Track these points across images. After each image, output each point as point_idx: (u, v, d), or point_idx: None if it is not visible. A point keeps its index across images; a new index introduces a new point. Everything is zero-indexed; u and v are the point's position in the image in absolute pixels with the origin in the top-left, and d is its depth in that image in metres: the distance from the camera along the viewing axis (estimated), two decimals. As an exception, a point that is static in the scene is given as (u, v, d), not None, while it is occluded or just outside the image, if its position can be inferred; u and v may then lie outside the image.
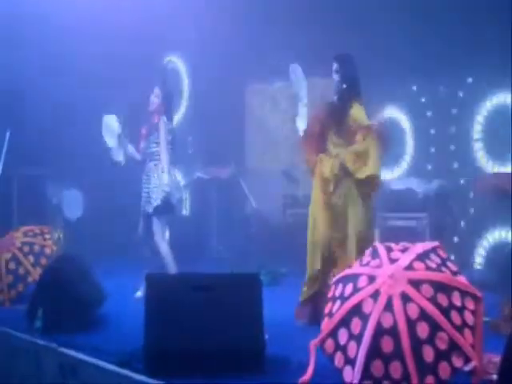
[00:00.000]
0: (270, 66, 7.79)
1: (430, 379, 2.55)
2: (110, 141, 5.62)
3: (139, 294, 5.33)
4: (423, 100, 7.15)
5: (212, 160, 8.77)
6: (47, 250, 5.44)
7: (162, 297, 3.31)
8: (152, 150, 5.59)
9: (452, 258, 3.92)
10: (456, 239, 6.73)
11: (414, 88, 7.20)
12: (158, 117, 5.64)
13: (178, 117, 8.94)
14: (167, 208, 5.50)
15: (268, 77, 8.31)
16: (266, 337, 3.32)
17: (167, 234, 6.22)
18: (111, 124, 5.65)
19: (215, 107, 8.51)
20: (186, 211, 9.00)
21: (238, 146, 8.90)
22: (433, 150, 7.06)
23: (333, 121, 4.62)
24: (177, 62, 9.75)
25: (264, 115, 9.10)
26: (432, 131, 7.05)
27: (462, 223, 6.77)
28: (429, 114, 7.11)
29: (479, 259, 6.63)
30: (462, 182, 6.80)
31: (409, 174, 7.20)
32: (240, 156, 8.83)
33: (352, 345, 2.75)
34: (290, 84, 4.89)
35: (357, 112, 4.53)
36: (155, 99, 5.72)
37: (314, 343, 2.99)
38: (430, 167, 7.06)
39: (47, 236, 5.59)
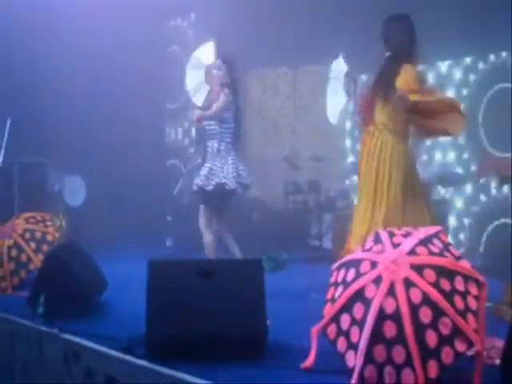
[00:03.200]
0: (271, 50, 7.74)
1: (432, 364, 2.54)
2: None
3: None
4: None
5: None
6: (49, 237, 5.43)
7: (165, 282, 3.31)
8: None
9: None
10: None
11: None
12: (221, 90, 5.22)
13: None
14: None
15: (270, 62, 8.27)
16: (268, 322, 3.32)
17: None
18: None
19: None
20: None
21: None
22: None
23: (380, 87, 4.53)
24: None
25: (265, 101, 9.06)
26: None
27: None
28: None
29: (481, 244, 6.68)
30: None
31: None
32: (241, 142, 8.78)
33: (354, 330, 2.75)
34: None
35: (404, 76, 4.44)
36: (218, 72, 5.29)
37: (316, 328, 3.00)
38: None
39: (49, 223, 5.58)
